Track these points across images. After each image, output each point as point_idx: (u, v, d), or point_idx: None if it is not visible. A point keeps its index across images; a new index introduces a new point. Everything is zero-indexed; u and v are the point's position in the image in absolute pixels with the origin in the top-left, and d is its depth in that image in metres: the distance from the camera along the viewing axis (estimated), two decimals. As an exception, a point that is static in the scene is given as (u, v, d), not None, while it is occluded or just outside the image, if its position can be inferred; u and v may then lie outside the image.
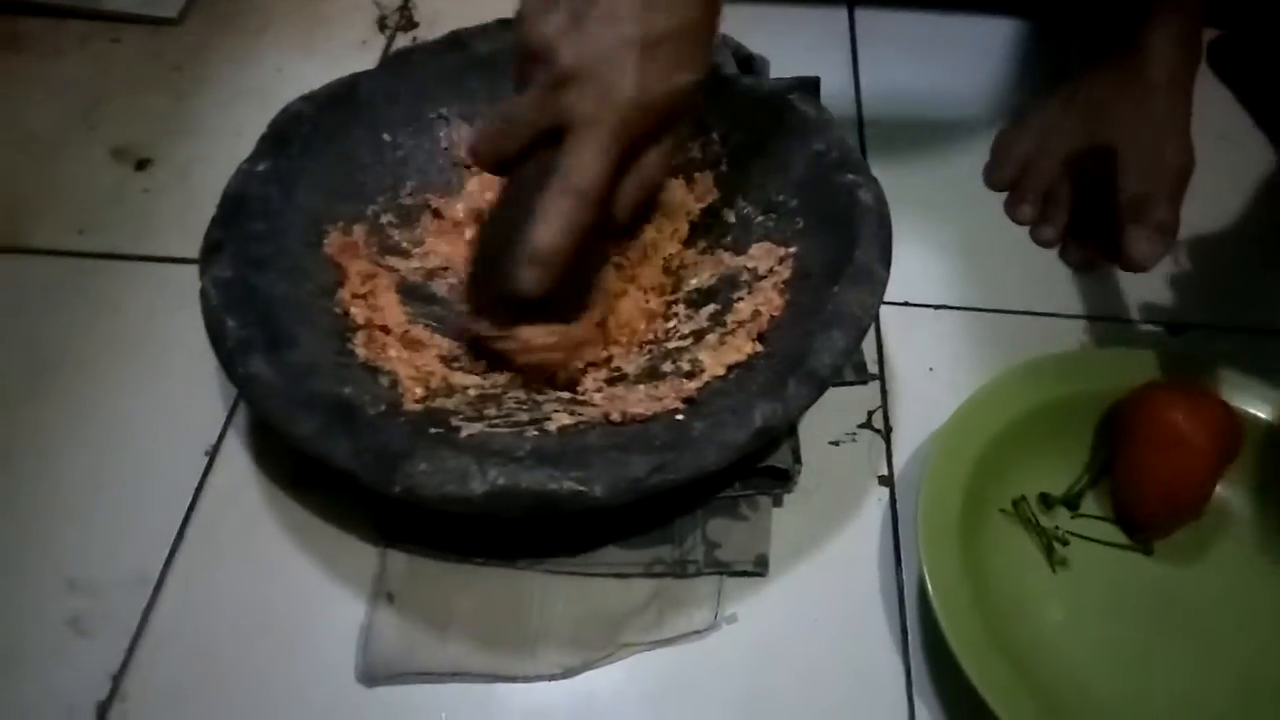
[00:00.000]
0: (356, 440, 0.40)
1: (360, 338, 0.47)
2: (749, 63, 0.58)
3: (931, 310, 0.57)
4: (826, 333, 0.43)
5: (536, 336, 0.46)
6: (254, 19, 0.72)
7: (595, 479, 0.39)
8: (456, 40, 0.59)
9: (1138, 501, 0.47)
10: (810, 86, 0.66)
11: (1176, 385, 0.48)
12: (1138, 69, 0.53)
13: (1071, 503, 0.48)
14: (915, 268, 0.58)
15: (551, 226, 0.41)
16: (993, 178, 0.60)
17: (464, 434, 0.42)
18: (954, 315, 0.57)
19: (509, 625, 0.45)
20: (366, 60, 0.69)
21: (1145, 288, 0.58)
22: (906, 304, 0.57)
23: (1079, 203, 0.54)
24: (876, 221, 0.47)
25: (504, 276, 0.43)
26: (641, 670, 0.44)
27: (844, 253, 0.46)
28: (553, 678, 0.43)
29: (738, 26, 0.55)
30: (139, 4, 0.71)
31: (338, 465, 0.39)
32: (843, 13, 0.72)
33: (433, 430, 0.42)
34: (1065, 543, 0.47)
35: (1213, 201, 0.62)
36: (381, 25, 0.72)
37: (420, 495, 0.39)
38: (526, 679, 0.43)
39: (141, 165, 0.63)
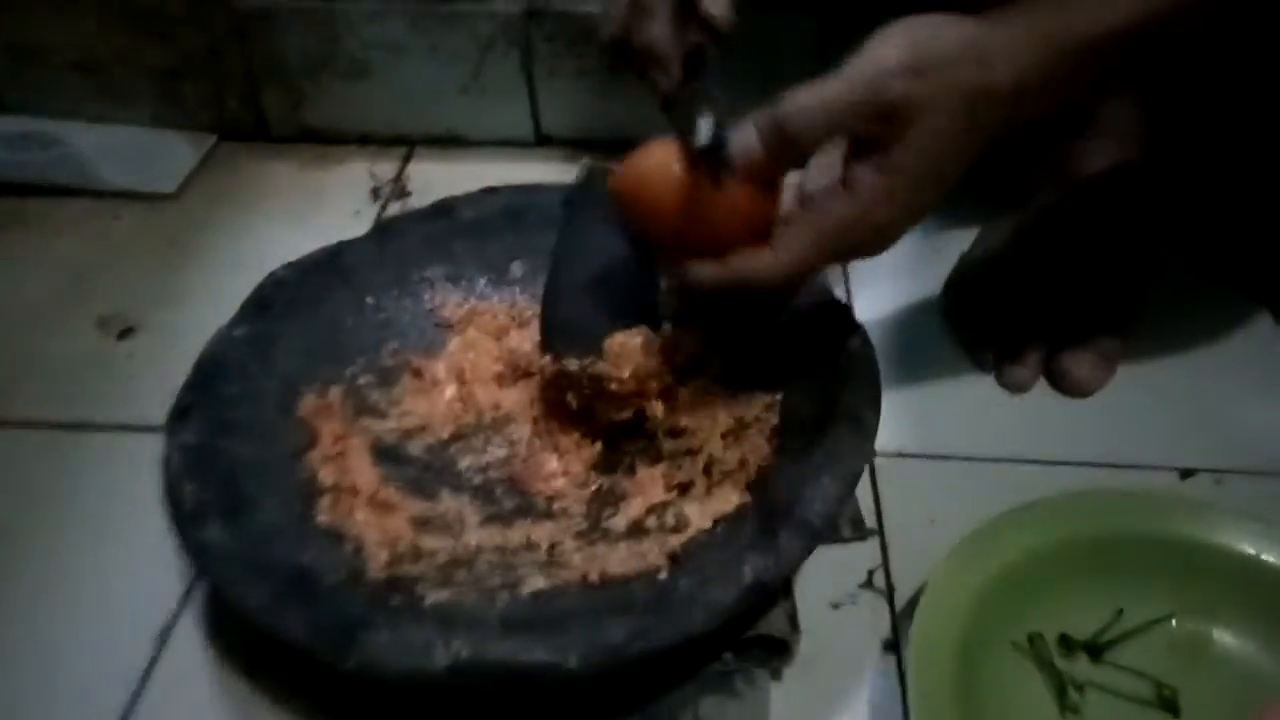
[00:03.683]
0: (311, 611, 0.37)
1: (326, 501, 0.45)
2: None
3: (928, 460, 0.55)
4: (817, 480, 0.41)
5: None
6: (250, 193, 0.74)
7: (570, 647, 0.36)
8: (442, 207, 0.60)
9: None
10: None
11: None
12: None
13: (1094, 649, 0.44)
14: (906, 418, 0.56)
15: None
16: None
17: (429, 602, 0.39)
18: (952, 465, 0.54)
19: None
20: (359, 229, 0.70)
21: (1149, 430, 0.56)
22: (900, 454, 0.55)
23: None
24: (865, 368, 0.46)
25: None
26: None
27: (832, 399, 0.45)
28: None
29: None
30: (138, 181, 0.73)
31: (289, 639, 0.36)
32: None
33: (395, 599, 0.39)
34: (1080, 689, 0.42)
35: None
36: (375, 195, 0.74)
37: (378, 671, 0.35)
38: None
39: (125, 334, 0.62)
